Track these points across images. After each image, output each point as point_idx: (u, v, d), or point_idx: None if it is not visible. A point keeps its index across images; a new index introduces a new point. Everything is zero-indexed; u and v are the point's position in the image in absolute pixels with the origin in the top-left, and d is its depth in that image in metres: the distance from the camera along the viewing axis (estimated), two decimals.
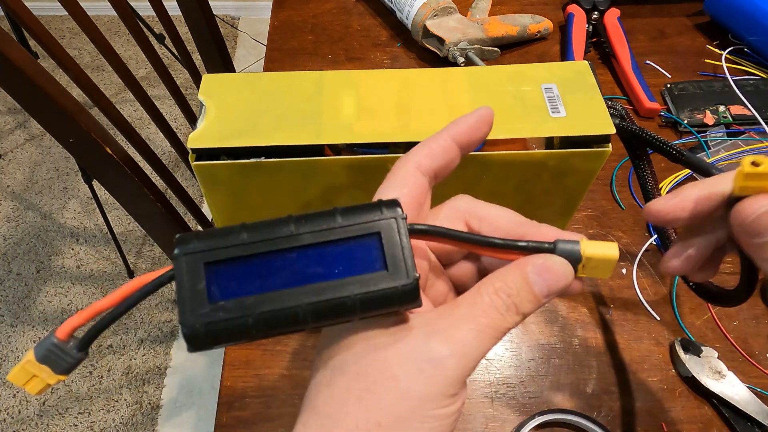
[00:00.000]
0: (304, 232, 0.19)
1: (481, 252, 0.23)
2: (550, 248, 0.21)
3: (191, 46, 0.85)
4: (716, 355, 0.43)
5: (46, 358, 0.19)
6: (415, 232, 0.21)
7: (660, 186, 0.53)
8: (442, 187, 0.28)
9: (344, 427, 0.19)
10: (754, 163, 0.21)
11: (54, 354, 0.19)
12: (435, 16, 0.63)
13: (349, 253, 0.19)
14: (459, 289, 0.25)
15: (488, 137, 0.36)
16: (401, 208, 0.20)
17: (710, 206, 0.24)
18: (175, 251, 0.19)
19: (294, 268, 0.19)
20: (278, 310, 0.18)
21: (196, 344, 0.18)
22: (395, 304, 0.19)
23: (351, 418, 0.19)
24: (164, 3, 0.72)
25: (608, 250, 0.21)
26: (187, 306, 0.18)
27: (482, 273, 0.25)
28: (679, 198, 0.24)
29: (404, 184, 0.22)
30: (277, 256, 0.19)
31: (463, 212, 0.24)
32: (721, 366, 0.42)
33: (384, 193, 0.22)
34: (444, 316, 0.20)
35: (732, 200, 0.23)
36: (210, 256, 0.19)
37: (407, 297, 0.19)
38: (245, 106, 0.36)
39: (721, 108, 0.59)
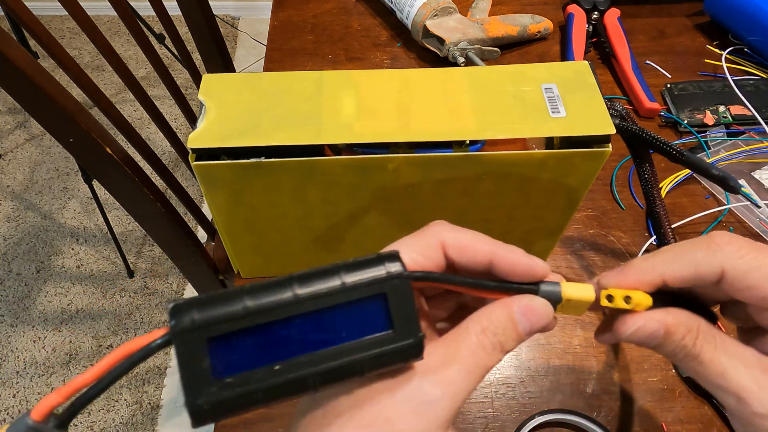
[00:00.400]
0: (306, 298, 0.19)
1: (472, 293, 0.24)
2: (534, 290, 0.23)
3: (191, 46, 0.85)
4: None
5: None
6: (415, 279, 0.21)
7: (660, 186, 0.53)
8: (441, 189, 0.28)
9: None
10: (609, 297, 0.23)
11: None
12: (435, 16, 0.63)
13: (354, 315, 0.19)
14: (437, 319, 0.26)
15: (488, 137, 0.36)
16: (402, 263, 0.20)
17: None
18: (172, 323, 0.18)
19: (299, 336, 0.19)
20: (287, 381, 0.18)
21: (202, 421, 0.18)
22: (401, 361, 0.20)
23: None
24: (164, 3, 0.72)
25: (585, 292, 0.23)
26: (192, 385, 0.18)
27: (461, 305, 0.26)
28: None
29: (424, 252, 0.23)
30: (280, 326, 0.19)
31: (440, 241, 0.24)
32: None
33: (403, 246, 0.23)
34: (434, 356, 0.21)
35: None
36: (212, 331, 0.18)
37: (413, 354, 0.20)
38: (245, 106, 0.36)
39: (721, 108, 0.59)
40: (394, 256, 0.20)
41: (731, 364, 0.22)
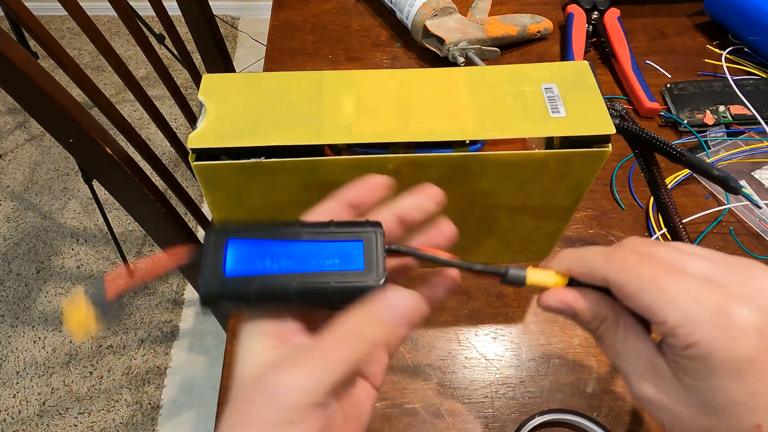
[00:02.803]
0: (304, 231, 0.24)
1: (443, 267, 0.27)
2: (504, 272, 0.26)
3: (191, 46, 0.85)
4: None
5: (96, 306, 0.23)
6: (390, 251, 0.25)
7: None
8: (441, 189, 0.28)
9: None
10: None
11: (100, 304, 0.23)
12: (435, 16, 0.63)
13: (336, 251, 0.24)
14: None
15: (488, 137, 0.36)
16: (382, 227, 0.25)
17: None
18: (212, 225, 0.25)
19: (291, 258, 0.24)
20: (273, 287, 0.23)
21: (208, 302, 0.23)
22: (362, 296, 0.23)
23: None
24: (164, 3, 0.72)
25: (546, 278, 0.26)
26: (208, 272, 0.23)
27: None
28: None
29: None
30: (280, 247, 0.24)
31: (397, 214, 0.26)
32: None
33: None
34: (300, 348, 0.23)
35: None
36: (232, 234, 0.24)
37: (373, 286, 0.24)
38: (245, 106, 0.36)
39: (721, 108, 0.59)
40: (377, 223, 0.25)
41: (625, 353, 0.25)
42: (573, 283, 0.27)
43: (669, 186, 0.55)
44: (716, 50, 0.67)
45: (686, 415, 0.23)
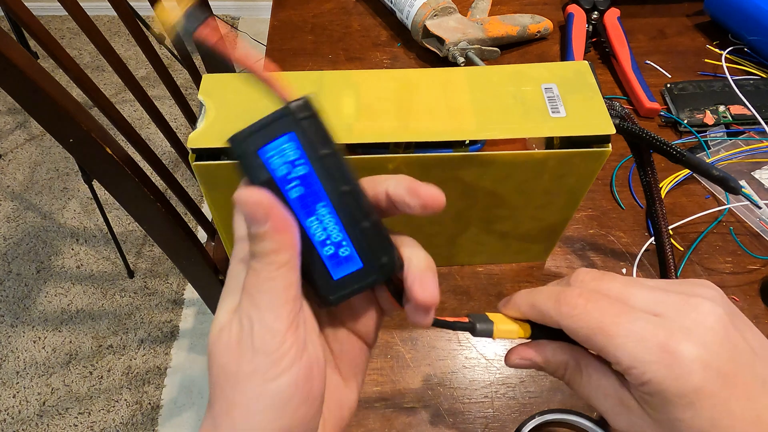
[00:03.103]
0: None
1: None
2: (472, 327, 0.27)
3: (191, 46, 0.85)
4: None
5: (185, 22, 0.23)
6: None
7: (660, 186, 0.53)
8: (441, 189, 0.28)
9: (219, 414, 0.21)
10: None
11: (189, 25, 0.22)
12: (435, 16, 0.63)
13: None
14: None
15: (488, 137, 0.36)
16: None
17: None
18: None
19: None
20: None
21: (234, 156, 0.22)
22: None
23: (221, 404, 0.21)
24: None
25: (513, 331, 0.27)
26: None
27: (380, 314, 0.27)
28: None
29: None
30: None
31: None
32: None
33: None
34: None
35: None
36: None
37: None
38: (245, 106, 0.36)
39: (721, 108, 0.59)
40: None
41: (594, 394, 0.26)
42: (535, 326, 0.27)
43: (669, 186, 0.55)
44: (716, 50, 0.67)
45: None
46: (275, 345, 0.20)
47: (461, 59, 0.61)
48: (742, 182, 0.54)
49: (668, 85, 0.62)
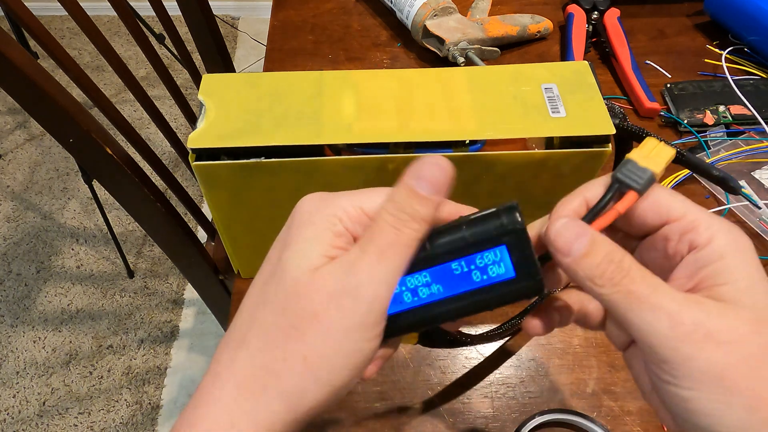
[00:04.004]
0: (440, 247, 0.23)
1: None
2: (639, 189, 0.24)
3: (191, 46, 0.85)
4: None
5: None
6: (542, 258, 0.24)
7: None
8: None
9: (274, 359, 0.21)
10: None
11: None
12: (435, 16, 0.63)
13: (482, 266, 0.23)
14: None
15: (488, 137, 0.36)
16: (519, 213, 0.23)
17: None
18: None
19: (440, 283, 0.23)
20: (430, 318, 0.23)
21: None
22: (523, 299, 0.23)
23: (279, 352, 0.21)
24: (164, 3, 0.71)
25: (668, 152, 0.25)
26: None
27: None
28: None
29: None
30: (424, 276, 0.23)
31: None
32: None
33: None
34: (352, 251, 0.22)
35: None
36: None
37: (533, 292, 0.23)
38: (245, 106, 0.36)
39: (721, 108, 0.59)
40: (513, 207, 0.23)
41: (659, 291, 0.21)
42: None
43: (669, 186, 0.55)
44: (716, 50, 0.67)
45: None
46: (382, 314, 0.21)
47: (461, 59, 0.61)
48: (742, 182, 0.54)
49: (668, 85, 0.62)
